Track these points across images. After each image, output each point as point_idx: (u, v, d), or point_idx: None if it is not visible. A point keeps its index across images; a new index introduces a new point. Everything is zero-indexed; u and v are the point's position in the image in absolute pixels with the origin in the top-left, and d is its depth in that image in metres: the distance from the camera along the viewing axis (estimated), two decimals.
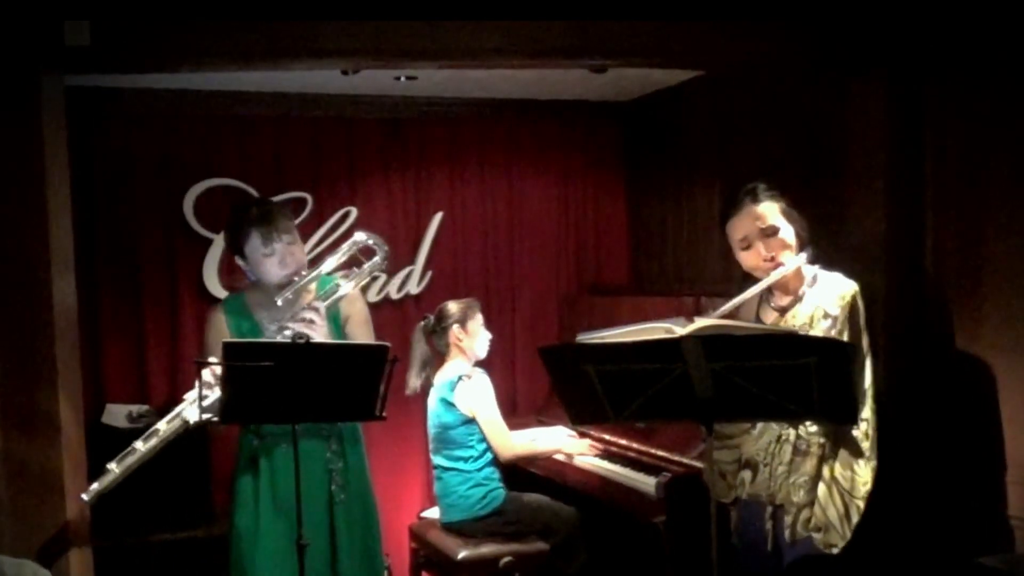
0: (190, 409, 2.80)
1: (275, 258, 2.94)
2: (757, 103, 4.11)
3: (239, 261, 3.05)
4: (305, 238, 4.56)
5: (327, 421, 2.95)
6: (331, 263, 3.03)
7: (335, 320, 3.04)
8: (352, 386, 2.69)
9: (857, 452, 2.63)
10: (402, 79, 4.33)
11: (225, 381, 2.64)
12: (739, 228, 2.76)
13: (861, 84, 3.34)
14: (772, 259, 2.72)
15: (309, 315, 2.87)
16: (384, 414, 2.75)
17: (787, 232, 2.74)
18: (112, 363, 4.36)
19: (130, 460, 2.78)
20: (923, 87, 3.25)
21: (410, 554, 4.29)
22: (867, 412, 2.64)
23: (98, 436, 3.76)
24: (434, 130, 4.85)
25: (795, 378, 2.22)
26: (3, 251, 2.88)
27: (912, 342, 3.25)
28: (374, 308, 4.72)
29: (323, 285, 3.04)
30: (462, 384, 3.93)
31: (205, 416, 2.70)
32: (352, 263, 3.07)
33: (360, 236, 3.08)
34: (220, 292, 4.45)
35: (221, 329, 3.01)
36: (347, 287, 3.03)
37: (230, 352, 2.60)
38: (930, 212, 3.26)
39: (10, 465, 2.88)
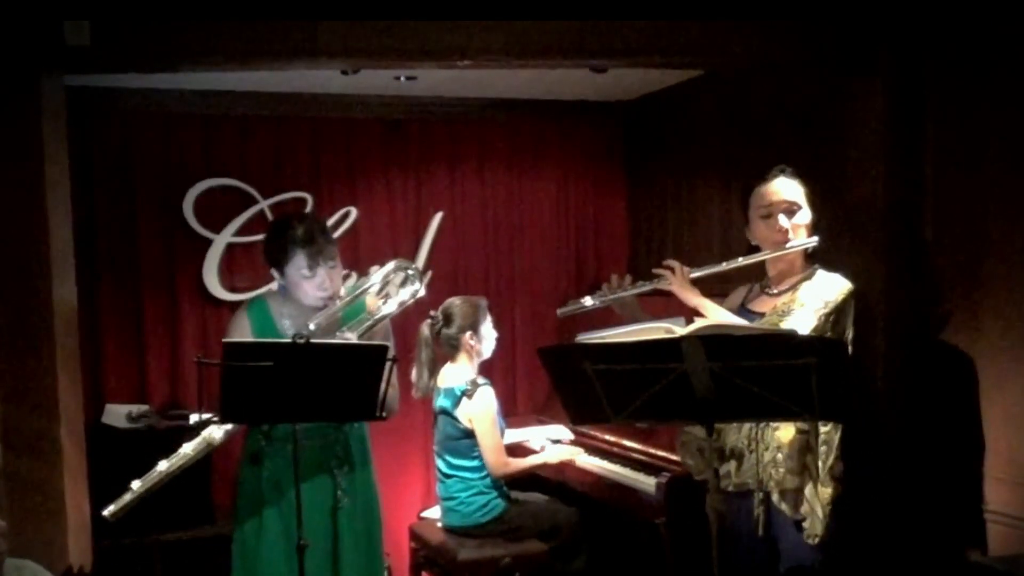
0: (216, 430, 2.81)
1: (315, 281, 2.88)
2: (757, 103, 4.10)
3: (274, 273, 2.97)
4: None
5: (327, 421, 2.94)
6: (371, 288, 2.97)
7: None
8: (352, 386, 2.69)
9: (825, 442, 2.71)
10: (402, 79, 4.33)
11: (225, 380, 2.63)
12: (765, 196, 2.82)
13: (861, 84, 3.34)
14: (787, 233, 2.79)
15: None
16: (385, 414, 2.75)
17: (806, 215, 2.82)
18: (112, 363, 4.36)
19: (153, 479, 2.79)
20: (923, 86, 3.26)
21: (410, 554, 4.28)
22: None
23: (98, 436, 3.76)
24: (434, 130, 4.85)
25: (794, 378, 2.22)
26: (3, 251, 2.89)
27: (912, 338, 3.25)
28: None
29: (353, 313, 2.98)
30: (465, 401, 3.91)
31: (206, 416, 2.70)
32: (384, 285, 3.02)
33: (401, 264, 3.00)
34: (220, 292, 4.46)
35: (245, 334, 2.93)
36: (386, 311, 2.98)
37: (230, 352, 2.60)
38: (930, 211, 3.26)
39: (10, 465, 2.88)
